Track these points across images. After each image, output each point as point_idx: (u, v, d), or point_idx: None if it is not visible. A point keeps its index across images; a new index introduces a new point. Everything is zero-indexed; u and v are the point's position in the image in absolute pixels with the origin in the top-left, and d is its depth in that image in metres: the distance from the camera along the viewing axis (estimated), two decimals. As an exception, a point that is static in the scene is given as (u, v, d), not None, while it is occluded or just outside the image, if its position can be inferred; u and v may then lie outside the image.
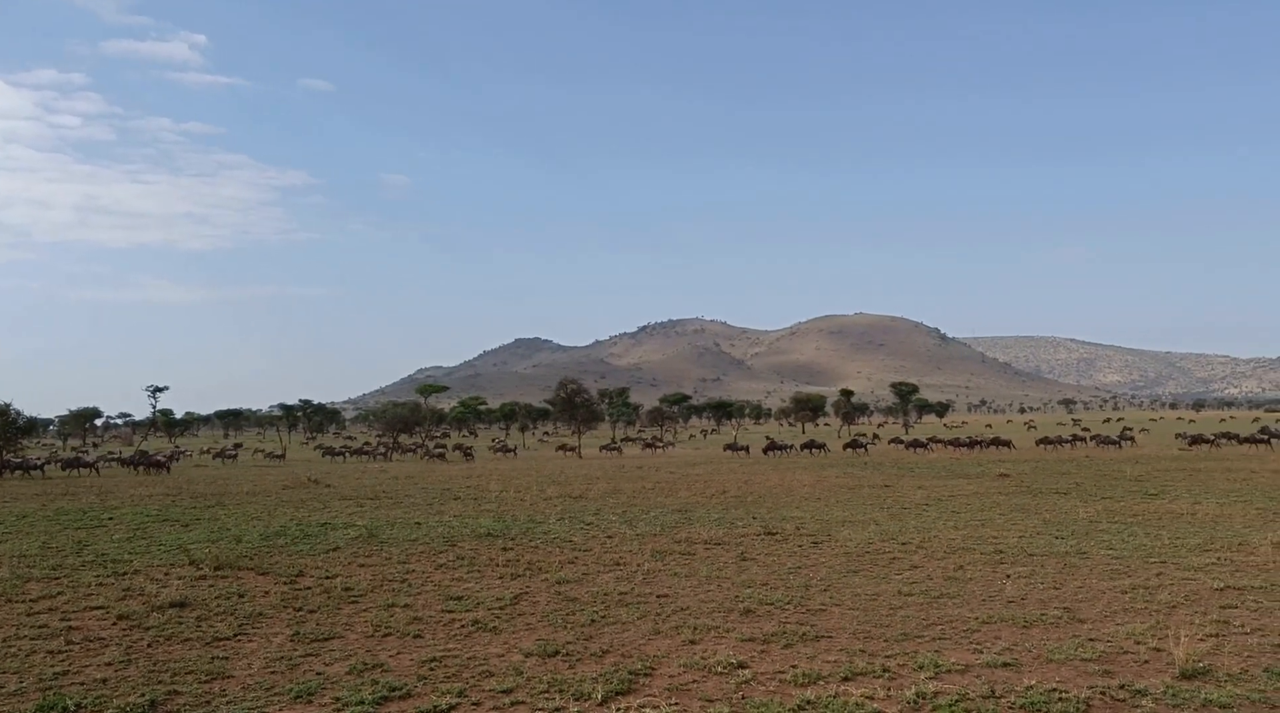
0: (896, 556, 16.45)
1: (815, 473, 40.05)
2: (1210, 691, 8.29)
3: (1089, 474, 35.99)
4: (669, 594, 13.31)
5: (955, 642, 10.30)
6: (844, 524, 21.13)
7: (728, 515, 23.37)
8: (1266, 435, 61.03)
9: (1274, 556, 15.62)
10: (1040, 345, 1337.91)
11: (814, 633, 10.79)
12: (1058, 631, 10.73)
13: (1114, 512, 22.77)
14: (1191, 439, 61.34)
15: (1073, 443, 65.71)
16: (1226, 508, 23.15)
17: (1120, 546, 17.12)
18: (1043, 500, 26.01)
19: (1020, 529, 19.77)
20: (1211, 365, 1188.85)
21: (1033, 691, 8.39)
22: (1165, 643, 9.70)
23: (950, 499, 26.93)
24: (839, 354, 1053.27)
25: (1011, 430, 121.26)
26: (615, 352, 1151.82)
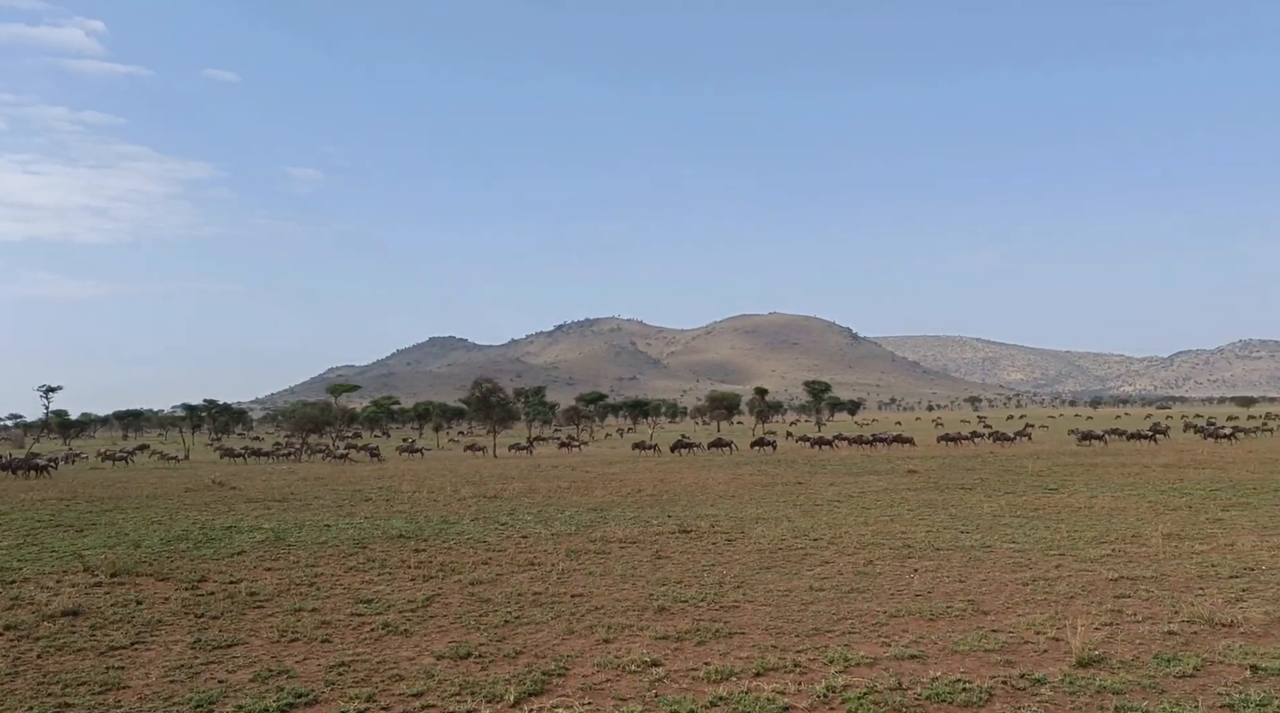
0: (809, 552, 16.69)
1: (730, 471, 40.43)
2: (1104, 678, 8.59)
3: (993, 470, 37.06)
4: (584, 594, 13.27)
5: (864, 636, 10.49)
6: (758, 521, 21.35)
7: (643, 514, 23.43)
8: (1152, 432, 64.24)
9: (1164, 546, 16.29)
10: (947, 345, 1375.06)
11: (727, 630, 10.87)
12: (963, 623, 11.01)
13: (1016, 506, 23.47)
14: (1083, 436, 63.94)
15: (971, 439, 67.58)
16: (1121, 501, 24.07)
17: (1022, 539, 17.66)
18: (949, 496, 26.68)
19: (927, 524, 20.24)
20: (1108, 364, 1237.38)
21: (938, 682, 8.59)
22: (1063, 633, 10.03)
23: (861, 496, 27.44)
24: (753, 353, 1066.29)
25: (920, 427, 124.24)
26: (531, 351, 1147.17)
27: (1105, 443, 60.90)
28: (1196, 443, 60.84)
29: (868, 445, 62.90)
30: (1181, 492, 26.19)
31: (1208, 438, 64.14)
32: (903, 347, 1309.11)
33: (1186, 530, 18.32)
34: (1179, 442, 62.67)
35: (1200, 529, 18.51)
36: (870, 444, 63.26)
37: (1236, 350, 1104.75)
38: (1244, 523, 19.29)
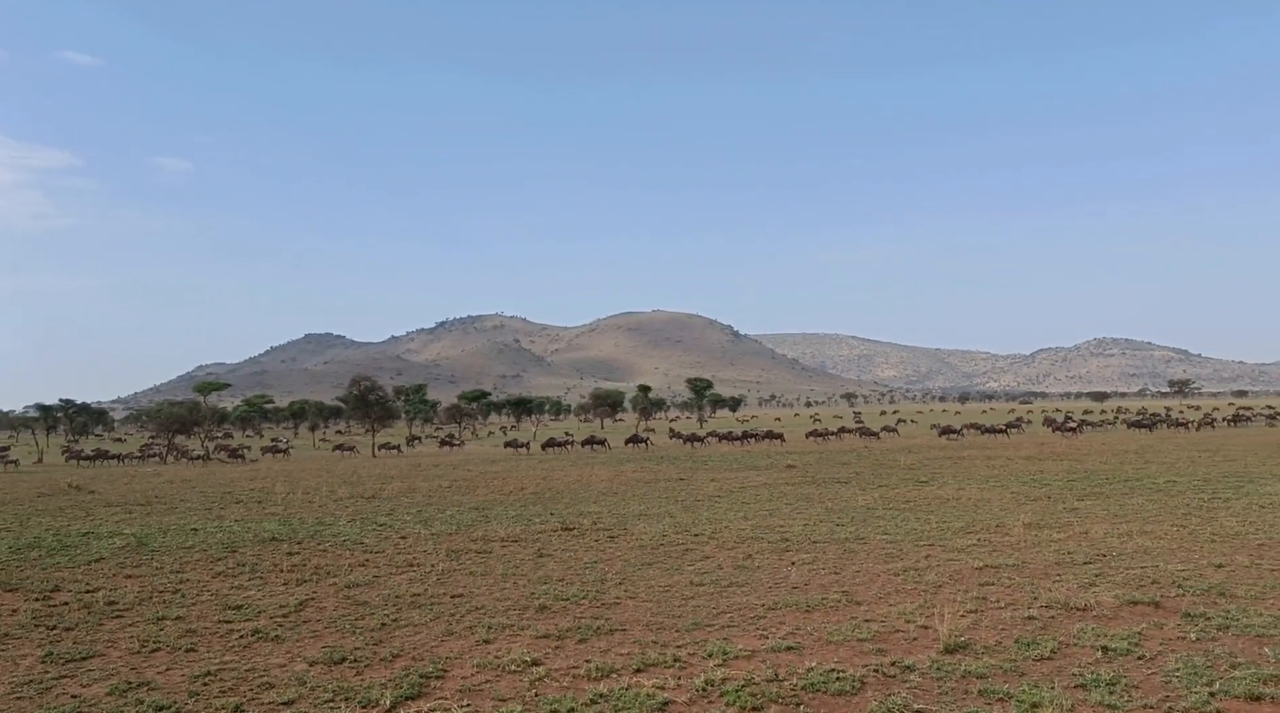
0: (690, 547, 16.86)
1: (613, 468, 40.54)
2: (970, 663, 8.94)
3: (867, 464, 38.18)
4: (464, 594, 13.09)
5: (743, 629, 10.65)
6: (640, 518, 21.47)
7: (526, 512, 23.29)
8: (1006, 427, 67.69)
9: (1025, 535, 17.07)
10: (825, 343, 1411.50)
11: (608, 627, 10.89)
12: (837, 613, 11.29)
13: (889, 499, 24.24)
14: (942, 430, 66.83)
15: (839, 435, 69.44)
16: (986, 493, 25.12)
17: (894, 531, 18.24)
18: (825, 490, 27.36)
19: (805, 518, 20.70)
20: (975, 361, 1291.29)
21: (813, 672, 8.79)
22: (932, 621, 10.40)
23: (741, 491, 27.89)
24: (637, 350, 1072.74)
25: (800, 423, 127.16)
26: (412, 348, 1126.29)
27: (962, 436, 63.75)
28: (1053, 436, 63.98)
29: (738, 441, 63.86)
30: (1041, 483, 27.49)
31: (1055, 431, 67.61)
32: (782, 344, 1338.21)
33: (1045, 520, 19.23)
34: (1039, 435, 65.80)
35: (1058, 518, 19.47)
36: (741, 440, 64.29)
37: (1092, 348, 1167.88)
38: (1097, 512, 20.37)
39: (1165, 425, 73.12)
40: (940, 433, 66.19)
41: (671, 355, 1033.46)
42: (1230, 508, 20.33)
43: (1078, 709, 7.57)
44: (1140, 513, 19.92)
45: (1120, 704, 7.65)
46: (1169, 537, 16.48)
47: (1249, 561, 13.94)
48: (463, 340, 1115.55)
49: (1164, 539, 16.21)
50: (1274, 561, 13.91)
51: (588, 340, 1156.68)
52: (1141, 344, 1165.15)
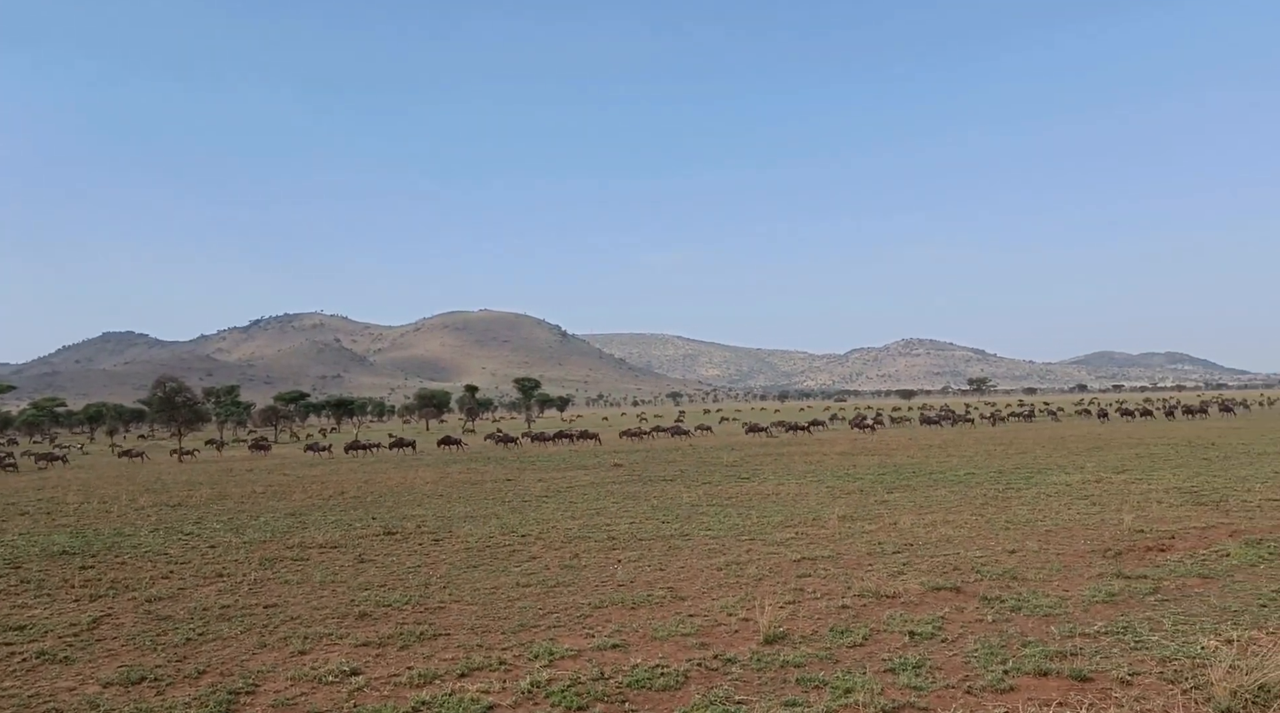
0: (516, 548, 16.72)
1: (439, 469, 39.77)
2: (788, 653, 9.23)
3: (692, 462, 38.94)
4: (278, 604, 12.51)
5: (569, 629, 10.63)
6: (466, 520, 21.13)
7: (346, 517, 22.51)
8: (808, 425, 70.62)
9: (840, 527, 17.83)
10: (651, 342, 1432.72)
11: (432, 632, 10.64)
12: (662, 610, 11.44)
13: (713, 496, 24.79)
14: (751, 428, 69.05)
15: (652, 434, 70.33)
16: (804, 488, 26.08)
17: (717, 526, 18.66)
18: (652, 488, 27.72)
19: (631, 516, 20.90)
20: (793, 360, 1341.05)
21: (638, 668, 8.86)
22: (753, 613, 10.68)
23: (569, 490, 27.89)
24: (463, 350, 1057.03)
25: (627, 421, 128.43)
26: (224, 347, 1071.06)
27: (771, 434, 66.04)
28: (864, 433, 67.16)
29: (550, 442, 63.67)
30: (854, 477, 28.77)
31: (855, 428, 71.02)
32: (610, 344, 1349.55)
33: (858, 512, 20.14)
34: (843, 432, 68.91)
35: (869, 511, 20.42)
36: (554, 440, 64.13)
37: (900, 348, 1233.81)
38: (905, 504, 21.49)
39: (953, 422, 78.28)
40: (748, 431, 68.22)
41: (499, 355, 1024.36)
42: (1022, 497, 21.87)
43: (887, 692, 7.93)
44: (943, 504, 21.14)
45: (925, 686, 8.07)
46: (968, 526, 17.57)
47: (1038, 546, 15.02)
48: (279, 339, 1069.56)
49: (964, 528, 17.27)
50: (1060, 545, 15.04)
51: (413, 340, 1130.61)
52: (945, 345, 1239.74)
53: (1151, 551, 14.23)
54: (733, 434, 73.14)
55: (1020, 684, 8.04)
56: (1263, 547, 13.96)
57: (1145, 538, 15.34)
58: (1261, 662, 7.69)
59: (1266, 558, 13.18)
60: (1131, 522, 17.09)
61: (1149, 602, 10.88)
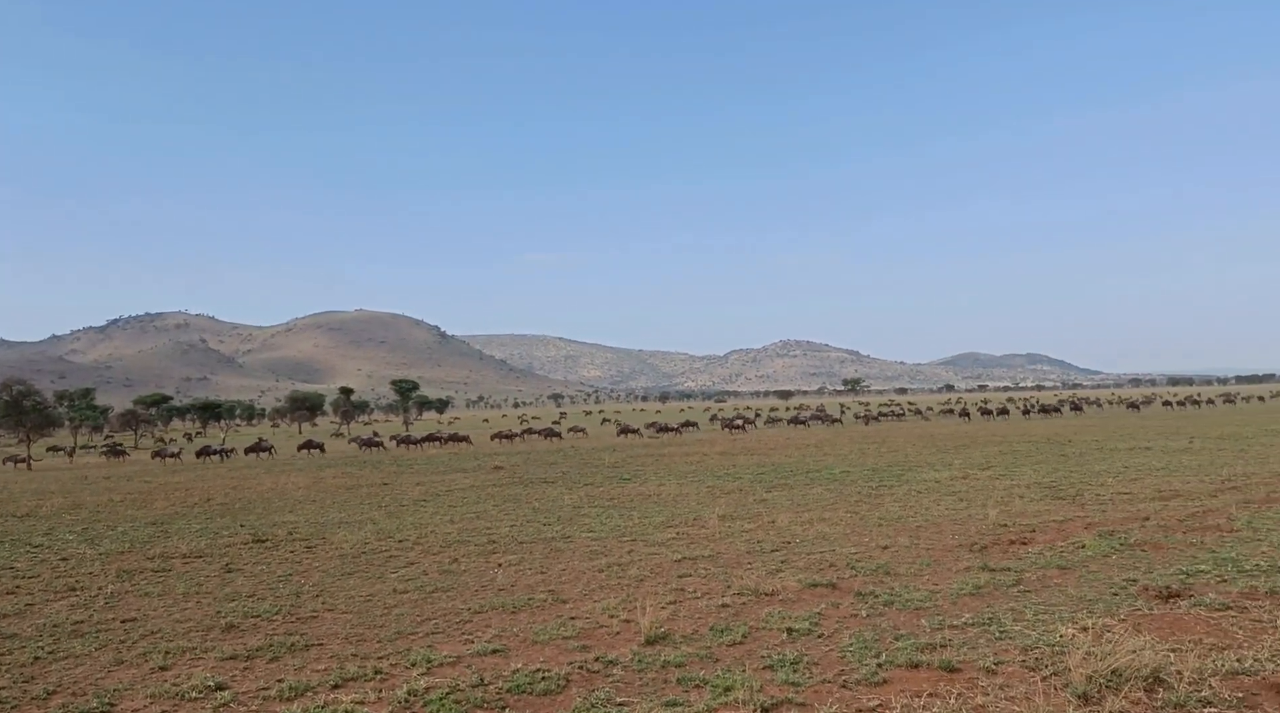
0: (393, 553, 16.33)
1: (312, 474, 38.59)
2: (668, 653, 9.25)
3: (574, 463, 38.86)
4: (137, 618, 11.87)
5: (448, 635, 10.42)
6: (340, 526, 20.55)
7: (212, 525, 21.59)
8: (678, 426, 71.48)
9: (720, 527, 18.03)
10: (532, 343, 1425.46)
11: (304, 642, 10.27)
12: (543, 613, 11.33)
13: (594, 497, 24.76)
14: (621, 429, 69.40)
15: (523, 436, 69.83)
16: (685, 488, 26.31)
17: (599, 528, 18.64)
18: (533, 490, 27.52)
19: (512, 519, 20.69)
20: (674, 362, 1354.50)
21: (519, 673, 8.73)
22: (634, 614, 10.67)
23: (448, 494, 27.44)
24: (338, 351, 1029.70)
25: (508, 423, 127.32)
26: (78, 348, 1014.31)
27: (642, 435, 66.52)
28: (735, 434, 68.34)
29: (417, 445, 62.42)
30: (734, 477, 29.20)
31: (725, 429, 72.12)
32: (490, 345, 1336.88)
33: (737, 511, 20.42)
34: (715, 433, 69.95)
35: (748, 510, 20.73)
36: (421, 444, 62.86)
37: (778, 350, 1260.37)
38: (783, 502, 21.91)
39: (825, 422, 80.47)
40: (620, 432, 68.39)
41: (375, 356, 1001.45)
42: (894, 494, 22.57)
43: (766, 689, 8.03)
44: (819, 502, 21.64)
45: (802, 681, 8.20)
46: (844, 523, 18.02)
47: (909, 541, 15.51)
48: (139, 340, 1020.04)
49: (839, 525, 17.70)
50: (930, 540, 15.56)
51: (284, 340, 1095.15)
52: (820, 346, 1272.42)
53: (1014, 544, 14.85)
54: (611, 435, 73.34)
55: (893, 677, 8.25)
56: (1115, 538, 14.74)
57: (1009, 532, 16.01)
58: (1114, 648, 8.09)
59: (1118, 549, 13.92)
60: (996, 516, 17.83)
61: (1012, 593, 11.34)
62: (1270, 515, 16.57)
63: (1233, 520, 16.10)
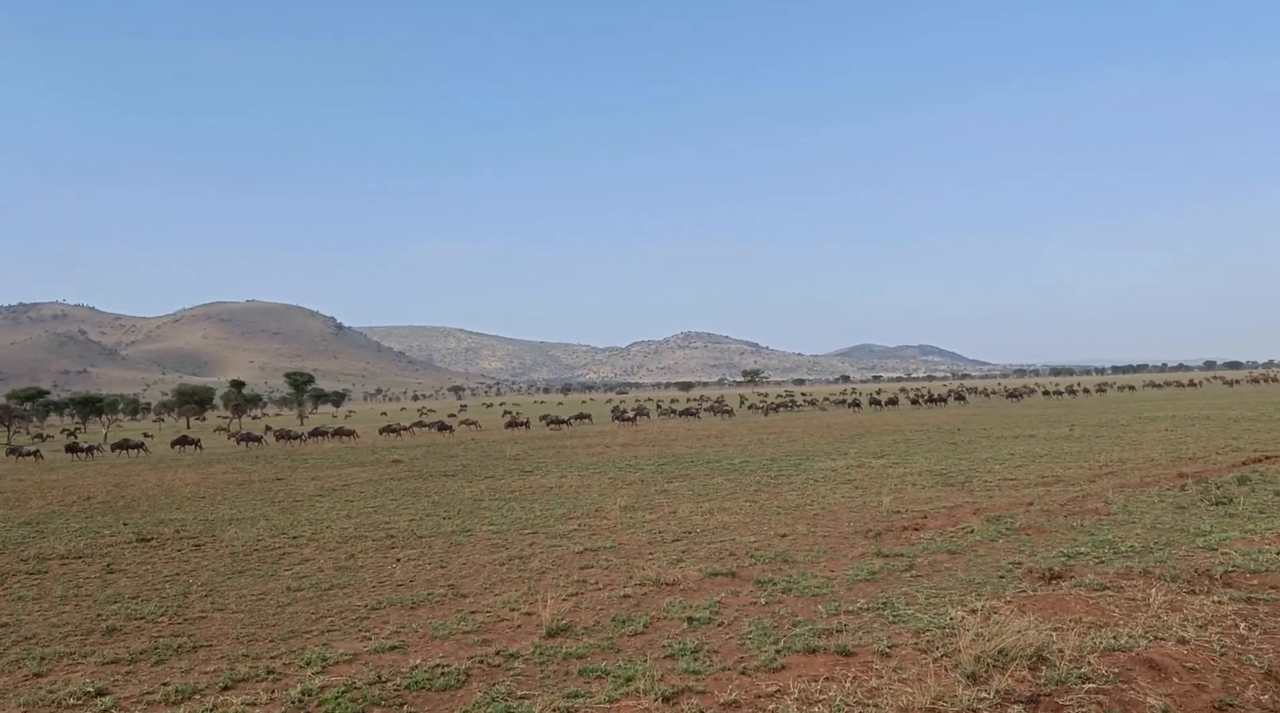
0: (287, 550, 15.91)
1: (201, 470, 37.29)
2: (570, 645, 9.23)
3: (475, 456, 38.48)
4: (9, 623, 11.28)
5: (344, 632, 10.19)
6: (231, 523, 19.91)
7: (93, 524, 20.67)
8: (569, 419, 71.32)
9: (622, 518, 18.09)
10: (432, 335, 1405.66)
11: (192, 644, 9.91)
12: (443, 608, 11.18)
13: (495, 490, 24.56)
14: (509, 422, 68.51)
15: (411, 430, 68.37)
16: (587, 479, 26.31)
17: (500, 521, 18.49)
18: (432, 484, 27.14)
19: (411, 513, 20.37)
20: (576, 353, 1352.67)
21: (418, 669, 8.59)
22: (536, 607, 10.61)
23: (345, 489, 26.86)
24: (228, 342, 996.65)
25: (407, 416, 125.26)
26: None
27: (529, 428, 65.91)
28: (624, 426, 68.70)
29: (299, 440, 60.51)
30: (636, 468, 29.32)
31: (616, 420, 72.33)
32: (388, 337, 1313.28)
33: (639, 502, 20.52)
34: (605, 425, 70.24)
35: (650, 500, 20.85)
36: (301, 439, 60.85)
37: (679, 341, 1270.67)
38: (684, 492, 22.09)
39: (717, 413, 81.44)
40: (509, 425, 67.59)
41: (268, 348, 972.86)
42: (792, 483, 22.99)
43: (667, 678, 8.07)
44: (720, 492, 21.89)
45: (703, 669, 8.28)
46: (743, 512, 18.28)
47: (807, 529, 15.81)
48: (12, 331, 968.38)
49: (739, 514, 17.94)
50: (827, 528, 15.90)
51: (171, 332, 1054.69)
52: (720, 338, 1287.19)
53: (907, 530, 15.28)
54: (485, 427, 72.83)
55: (791, 663, 8.39)
56: (1001, 523, 15.30)
57: (902, 518, 16.47)
58: (1001, 629, 8.39)
59: (1005, 533, 14.44)
60: (890, 503, 18.32)
61: (905, 578, 11.67)
62: (1144, 499, 17.42)
63: (1110, 504, 16.88)
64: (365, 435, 65.96)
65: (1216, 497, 17.07)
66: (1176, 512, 15.81)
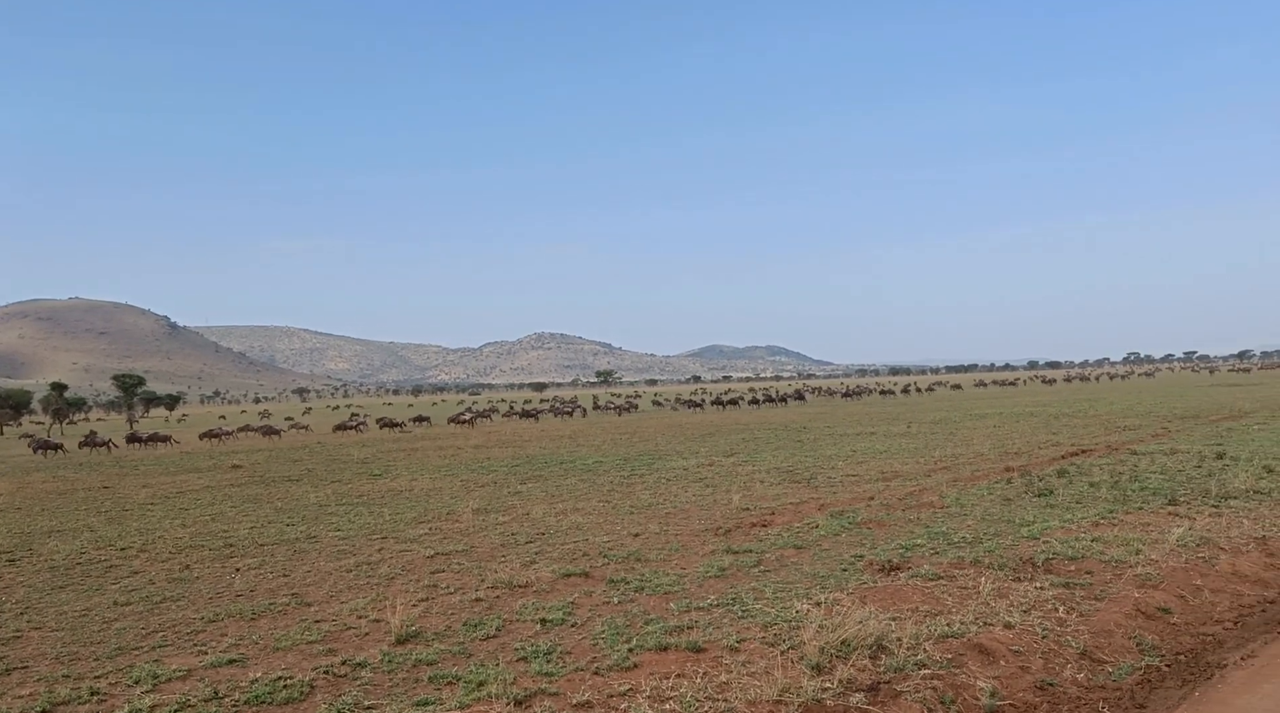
0: (114, 563, 14.98)
1: (16, 479, 34.70)
2: (420, 651, 9.04)
3: (320, 460, 37.23)
4: None
5: (178, 647, 9.68)
6: (51, 535, 18.61)
7: (-110, 539, 18.94)
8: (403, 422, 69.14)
9: (474, 521, 17.85)
10: (274, 335, 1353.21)
11: (5, 666, 9.20)
12: (286, 618, 10.76)
13: (342, 494, 23.83)
14: (340, 425, 65.65)
15: (235, 434, 64.52)
16: (438, 482, 25.84)
17: (347, 526, 17.95)
18: (275, 489, 26.12)
19: (252, 520, 19.54)
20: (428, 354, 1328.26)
21: (258, 683, 8.24)
22: (384, 614, 10.33)
23: (179, 496, 25.52)
24: (49, 342, 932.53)
25: (247, 419, 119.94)
26: None
27: (362, 431, 64.09)
28: (503, 424, 68.06)
29: (104, 447, 55.99)
30: (489, 469, 29.00)
31: (450, 422, 71.02)
32: (227, 336, 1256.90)
33: (492, 504, 20.30)
34: (443, 427, 69.49)
35: (503, 502, 20.66)
36: (106, 446, 56.24)
37: (532, 342, 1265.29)
38: (537, 494, 21.98)
39: (558, 414, 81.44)
40: (336, 429, 65.14)
41: (95, 348, 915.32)
42: (644, 482, 23.21)
43: (519, 682, 8.01)
44: (573, 492, 21.89)
45: (556, 671, 8.25)
46: (597, 512, 18.33)
47: (659, 528, 15.99)
48: None
49: (593, 515, 17.99)
50: (678, 526, 16.12)
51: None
52: (574, 339, 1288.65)
53: (756, 526, 15.66)
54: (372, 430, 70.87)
55: (643, 661, 8.46)
56: (844, 518, 15.87)
57: (750, 515, 16.87)
58: (843, 620, 8.71)
59: (847, 528, 15.00)
60: (739, 501, 18.74)
61: (754, 573, 11.95)
62: (974, 492, 18.42)
63: (944, 498, 17.78)
64: (186, 441, 62.09)
65: (1039, 489, 18.23)
66: (1003, 504, 16.79)
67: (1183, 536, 12.87)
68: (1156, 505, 15.76)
